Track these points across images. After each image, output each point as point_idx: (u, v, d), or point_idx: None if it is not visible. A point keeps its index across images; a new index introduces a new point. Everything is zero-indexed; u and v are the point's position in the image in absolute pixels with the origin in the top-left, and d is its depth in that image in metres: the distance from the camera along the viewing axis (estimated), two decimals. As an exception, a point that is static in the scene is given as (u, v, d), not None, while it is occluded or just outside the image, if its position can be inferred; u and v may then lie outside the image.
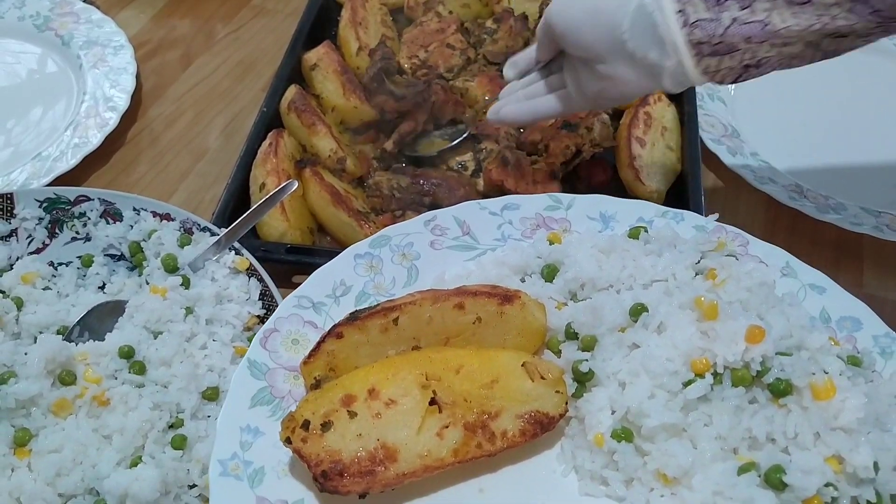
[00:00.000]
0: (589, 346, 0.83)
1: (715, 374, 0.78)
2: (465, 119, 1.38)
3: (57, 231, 1.15)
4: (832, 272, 0.96)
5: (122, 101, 1.41)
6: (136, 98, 1.46)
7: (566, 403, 0.80)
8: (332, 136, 1.30)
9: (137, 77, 1.46)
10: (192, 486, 0.88)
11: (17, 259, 1.11)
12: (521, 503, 0.78)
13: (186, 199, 1.32)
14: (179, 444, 0.88)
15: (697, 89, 1.40)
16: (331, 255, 0.97)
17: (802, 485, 0.70)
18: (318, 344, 0.81)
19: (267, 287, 1.05)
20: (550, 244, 0.95)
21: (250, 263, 1.07)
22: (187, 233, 1.11)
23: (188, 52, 1.61)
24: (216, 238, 1.08)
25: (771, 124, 1.45)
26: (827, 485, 0.71)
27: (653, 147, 1.28)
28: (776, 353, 0.77)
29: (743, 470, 0.73)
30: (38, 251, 1.14)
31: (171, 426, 0.91)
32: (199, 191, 1.34)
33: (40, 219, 1.14)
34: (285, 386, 0.82)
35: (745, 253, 0.95)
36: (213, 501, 0.72)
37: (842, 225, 1.22)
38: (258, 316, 1.04)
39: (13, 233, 1.14)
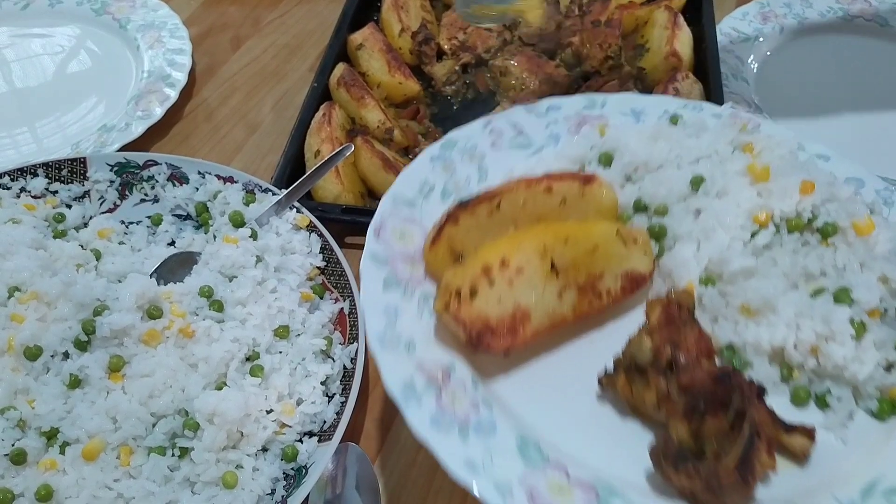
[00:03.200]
0: (662, 212, 0.97)
1: (775, 225, 0.91)
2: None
3: (127, 193, 1.22)
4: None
5: (181, 78, 1.49)
6: (191, 78, 1.54)
7: (653, 262, 0.94)
8: (380, 108, 1.38)
9: (191, 57, 1.55)
10: (269, 412, 0.95)
11: (91, 218, 1.19)
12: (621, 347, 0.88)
13: (243, 167, 1.39)
14: (257, 373, 0.95)
15: (722, 69, 1.47)
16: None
17: (866, 299, 0.85)
18: (439, 230, 0.90)
19: (327, 242, 1.13)
20: (602, 136, 1.07)
21: (310, 220, 1.15)
22: (250, 194, 1.19)
23: (237, 35, 1.69)
24: (278, 197, 1.16)
25: (793, 103, 1.52)
26: (881, 299, 0.86)
27: (681, 120, 1.36)
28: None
29: (815, 294, 0.86)
30: (109, 211, 1.21)
31: (247, 359, 0.98)
32: (254, 160, 1.42)
33: (111, 181, 1.22)
34: (405, 271, 0.90)
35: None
36: (384, 370, 0.78)
37: (861, 191, 1.29)
38: (319, 267, 1.12)
39: (86, 194, 1.21)
